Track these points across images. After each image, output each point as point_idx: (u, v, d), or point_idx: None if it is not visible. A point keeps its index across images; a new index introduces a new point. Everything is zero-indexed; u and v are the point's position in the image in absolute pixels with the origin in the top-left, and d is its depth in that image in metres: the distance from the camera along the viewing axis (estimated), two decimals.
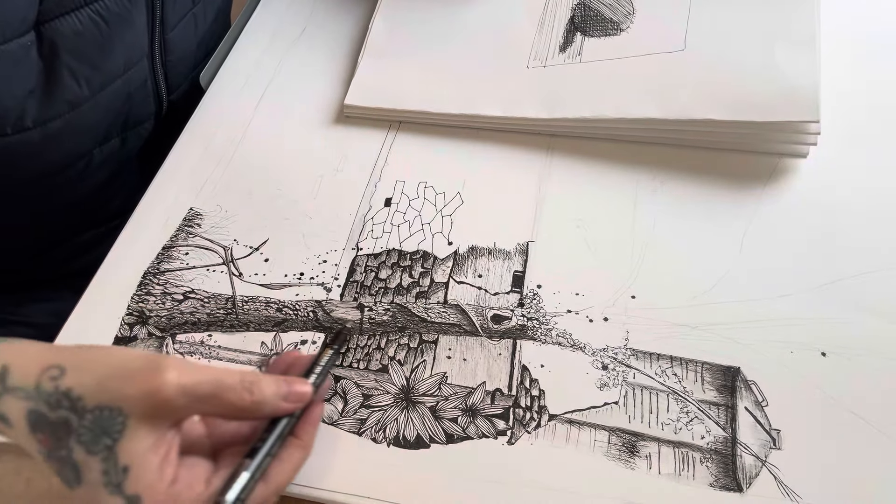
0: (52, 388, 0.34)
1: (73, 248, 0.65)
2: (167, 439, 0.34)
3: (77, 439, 0.33)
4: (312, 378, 0.39)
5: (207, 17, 0.64)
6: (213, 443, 0.38)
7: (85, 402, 0.33)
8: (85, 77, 0.52)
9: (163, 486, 0.33)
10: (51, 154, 0.54)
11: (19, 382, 0.34)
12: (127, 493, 0.33)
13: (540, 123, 0.56)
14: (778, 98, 0.51)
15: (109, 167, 0.61)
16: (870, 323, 0.45)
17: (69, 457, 0.34)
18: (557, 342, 0.46)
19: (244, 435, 0.38)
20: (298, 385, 0.38)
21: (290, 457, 0.37)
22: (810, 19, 0.54)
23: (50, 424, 0.34)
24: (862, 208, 0.50)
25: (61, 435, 0.34)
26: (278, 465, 0.36)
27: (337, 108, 0.60)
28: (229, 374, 0.35)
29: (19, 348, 0.36)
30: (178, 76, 0.63)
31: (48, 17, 0.48)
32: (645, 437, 0.42)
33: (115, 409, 0.33)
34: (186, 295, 0.50)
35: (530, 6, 0.62)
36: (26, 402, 0.34)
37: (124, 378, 0.34)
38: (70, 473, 0.34)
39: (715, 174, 0.53)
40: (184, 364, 0.34)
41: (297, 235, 0.53)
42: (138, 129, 0.62)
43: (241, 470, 0.35)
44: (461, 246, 0.51)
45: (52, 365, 0.34)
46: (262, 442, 0.36)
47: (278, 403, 0.36)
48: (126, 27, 0.53)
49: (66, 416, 0.34)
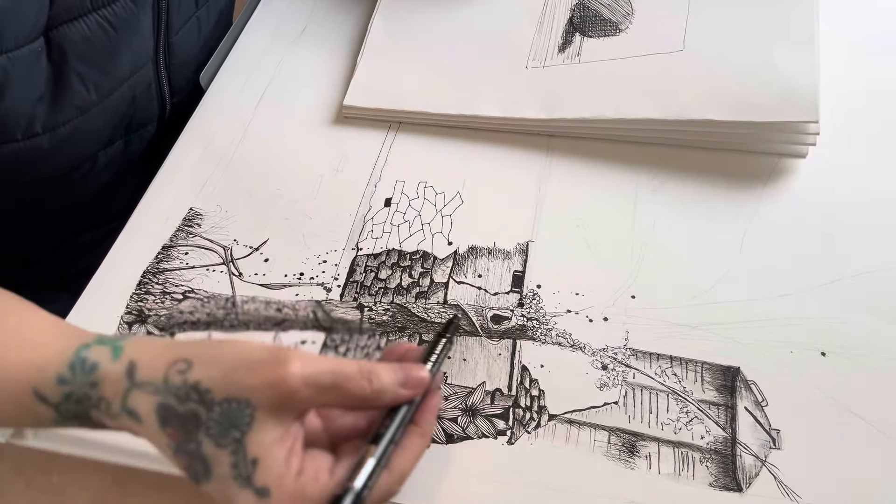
0: (181, 381, 0.34)
1: (74, 250, 0.65)
2: (292, 431, 0.34)
3: (206, 432, 0.33)
4: (429, 365, 0.39)
5: (210, 20, 0.64)
6: (329, 436, 0.38)
7: (213, 395, 0.33)
8: (93, 82, 0.52)
9: (290, 477, 0.33)
10: (58, 158, 0.54)
11: (148, 377, 0.34)
12: (256, 485, 0.33)
13: (539, 124, 0.56)
14: (777, 98, 0.51)
15: (113, 169, 0.61)
16: (870, 323, 0.45)
17: (198, 450, 0.34)
18: (557, 342, 0.46)
19: (360, 428, 0.38)
20: (415, 370, 0.37)
21: (411, 444, 0.37)
22: (809, 19, 0.54)
23: (179, 418, 0.34)
24: (861, 208, 0.50)
25: (190, 428, 0.34)
26: (401, 453, 0.36)
27: (337, 108, 0.60)
28: (348, 363, 0.35)
29: (144, 343, 0.36)
30: (181, 79, 0.63)
31: (57, 22, 0.48)
32: (645, 437, 0.42)
33: (243, 402, 0.33)
34: (186, 294, 0.50)
35: (529, 7, 0.62)
36: (155, 397, 0.34)
37: (250, 370, 0.34)
38: (199, 467, 0.34)
39: (715, 174, 0.53)
40: (305, 355, 0.34)
41: (297, 235, 0.53)
42: (142, 132, 0.62)
43: (366, 457, 0.34)
44: (461, 246, 0.51)
45: (180, 358, 0.34)
46: (384, 428, 0.36)
47: (397, 390, 0.36)
48: (133, 32, 0.53)
49: (195, 410, 0.33)
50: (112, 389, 0.35)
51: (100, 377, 0.35)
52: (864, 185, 0.51)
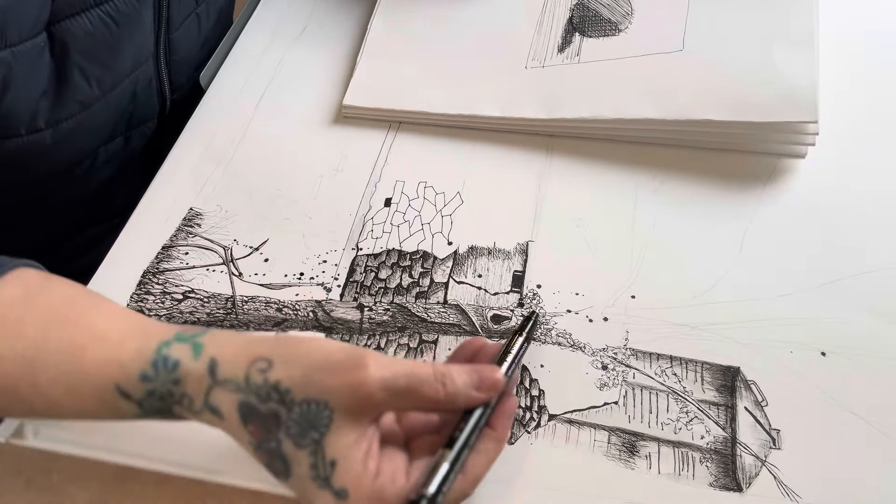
0: (262, 380, 0.34)
1: (75, 247, 0.65)
2: (369, 433, 0.34)
3: (286, 432, 0.34)
4: (505, 366, 0.39)
5: (210, 17, 0.64)
6: (404, 432, 0.38)
7: (293, 395, 0.34)
8: (96, 77, 0.52)
9: (368, 479, 0.33)
10: (60, 153, 0.54)
11: (229, 375, 0.35)
12: (335, 487, 0.33)
13: (539, 124, 0.56)
14: (776, 98, 0.51)
15: (113, 165, 0.61)
16: (870, 323, 0.45)
17: (278, 449, 0.34)
18: (557, 342, 0.46)
19: (434, 424, 0.38)
20: (489, 372, 0.37)
21: (486, 448, 0.36)
22: (809, 19, 0.54)
23: (260, 416, 0.34)
24: (861, 208, 0.50)
25: (271, 427, 0.34)
26: (475, 457, 0.36)
27: (337, 108, 0.60)
28: (422, 366, 0.35)
29: (225, 339, 0.36)
30: (181, 76, 0.63)
31: (59, 17, 0.48)
32: (645, 437, 0.42)
33: (322, 403, 0.33)
34: (186, 294, 0.50)
35: (529, 7, 0.62)
36: (237, 395, 0.34)
37: (329, 372, 0.34)
38: (280, 465, 0.34)
39: (715, 174, 0.53)
40: (381, 358, 0.34)
41: (297, 235, 0.53)
42: (142, 128, 0.62)
43: (441, 461, 0.34)
44: (461, 246, 0.51)
45: (261, 357, 0.35)
46: (459, 432, 0.35)
47: (470, 393, 0.36)
48: (134, 27, 0.53)
49: (276, 409, 0.34)
50: (194, 387, 0.35)
51: (182, 374, 0.35)
52: (863, 185, 0.51)
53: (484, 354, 0.40)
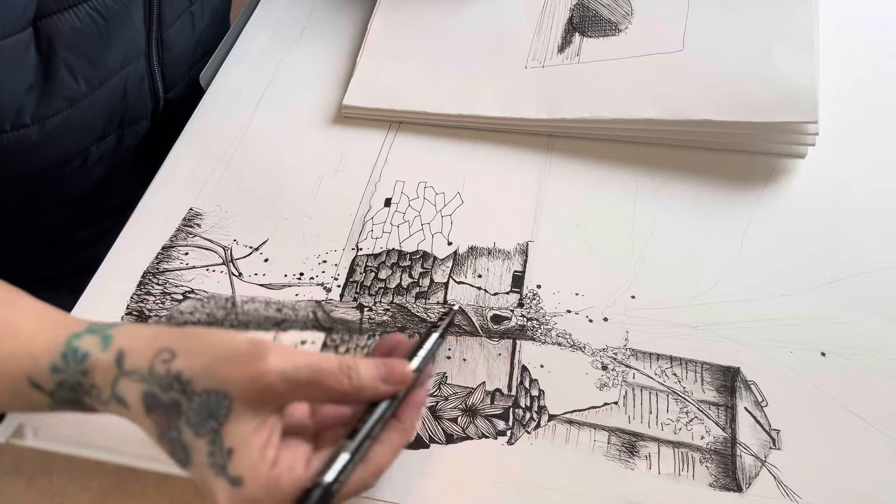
0: (164, 371, 0.35)
1: (68, 247, 0.65)
2: (269, 423, 0.35)
3: (186, 421, 0.34)
4: (416, 361, 0.39)
5: (205, 16, 0.64)
6: (315, 424, 0.38)
7: (194, 386, 0.34)
8: (82, 73, 0.52)
9: (264, 468, 0.34)
10: (49, 151, 0.54)
11: (135, 366, 0.36)
12: (231, 474, 0.33)
13: (538, 124, 0.56)
14: (776, 99, 0.51)
15: (105, 164, 0.61)
16: (870, 323, 0.45)
17: (179, 438, 0.35)
18: (557, 342, 0.46)
19: (347, 416, 0.38)
20: (398, 366, 0.38)
21: (390, 439, 0.37)
22: (809, 20, 0.54)
23: (163, 406, 0.35)
24: (860, 208, 0.50)
25: (172, 416, 0.35)
26: (378, 447, 0.37)
27: (337, 109, 0.60)
28: (328, 359, 0.36)
29: (133, 332, 0.37)
30: (174, 74, 0.63)
31: (46, 13, 0.48)
32: (645, 438, 0.42)
33: (221, 394, 0.34)
34: (186, 295, 0.50)
35: (528, 7, 0.62)
36: (142, 385, 0.35)
37: (230, 363, 0.34)
38: (181, 453, 0.35)
39: (715, 174, 0.53)
40: (285, 349, 0.35)
41: (297, 235, 0.53)
42: (135, 127, 0.62)
43: (340, 451, 0.35)
44: (461, 246, 0.51)
45: (165, 348, 0.36)
46: (362, 423, 0.36)
47: (378, 386, 0.37)
48: (124, 23, 0.53)
49: (177, 399, 0.35)
50: (102, 377, 0.36)
51: (90, 365, 0.36)
52: (863, 185, 0.51)
53: (400, 350, 0.41)
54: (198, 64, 0.66)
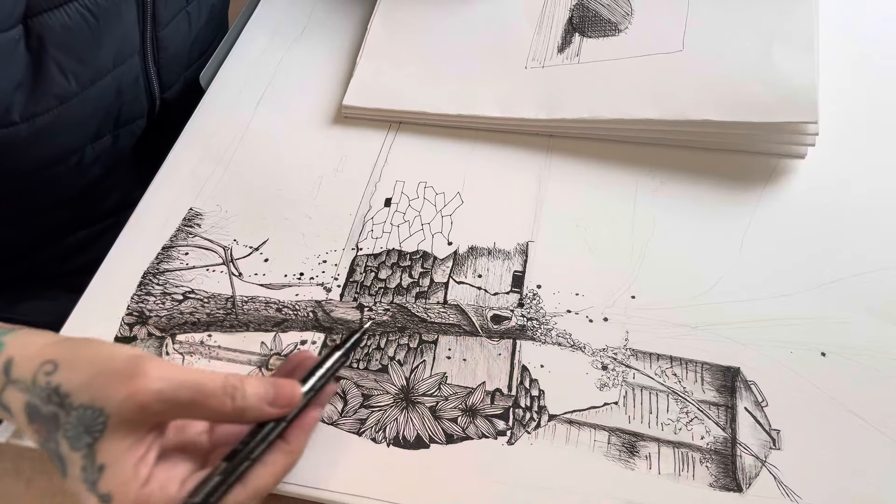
0: (45, 383, 0.35)
1: (66, 247, 0.65)
2: (146, 441, 0.35)
3: (63, 434, 0.34)
4: (312, 381, 0.39)
5: (202, 16, 0.64)
6: (213, 441, 0.38)
7: (71, 400, 0.34)
8: (73, 71, 0.51)
9: (135, 486, 0.34)
10: (40, 149, 0.54)
11: (20, 375, 0.36)
12: (100, 491, 0.34)
13: (538, 124, 0.56)
14: (776, 99, 0.51)
15: (102, 164, 0.61)
16: (870, 323, 0.45)
17: (57, 450, 0.35)
18: (557, 342, 0.46)
19: (244, 434, 0.38)
20: (287, 388, 0.37)
21: (273, 461, 0.37)
22: (809, 20, 0.54)
23: (43, 417, 0.35)
24: (861, 208, 0.50)
25: (51, 428, 0.35)
26: (260, 469, 0.36)
27: (337, 109, 0.60)
28: (212, 378, 0.35)
29: (24, 340, 0.37)
30: (171, 74, 0.63)
31: (36, 10, 0.47)
32: (645, 438, 0.42)
33: (98, 410, 0.34)
34: (186, 295, 0.50)
35: (528, 7, 0.62)
36: (24, 395, 0.36)
37: (108, 378, 0.34)
38: (59, 465, 0.35)
39: (715, 174, 0.53)
40: (165, 368, 0.35)
41: (297, 235, 0.53)
42: (131, 127, 0.62)
43: (214, 473, 0.35)
44: (461, 246, 0.51)
45: (48, 360, 0.36)
46: (243, 445, 0.36)
47: (262, 408, 0.36)
48: (115, 22, 0.53)
49: (55, 412, 0.35)
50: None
51: None
52: (863, 185, 0.51)
53: (303, 367, 0.40)
54: (195, 64, 0.66)
